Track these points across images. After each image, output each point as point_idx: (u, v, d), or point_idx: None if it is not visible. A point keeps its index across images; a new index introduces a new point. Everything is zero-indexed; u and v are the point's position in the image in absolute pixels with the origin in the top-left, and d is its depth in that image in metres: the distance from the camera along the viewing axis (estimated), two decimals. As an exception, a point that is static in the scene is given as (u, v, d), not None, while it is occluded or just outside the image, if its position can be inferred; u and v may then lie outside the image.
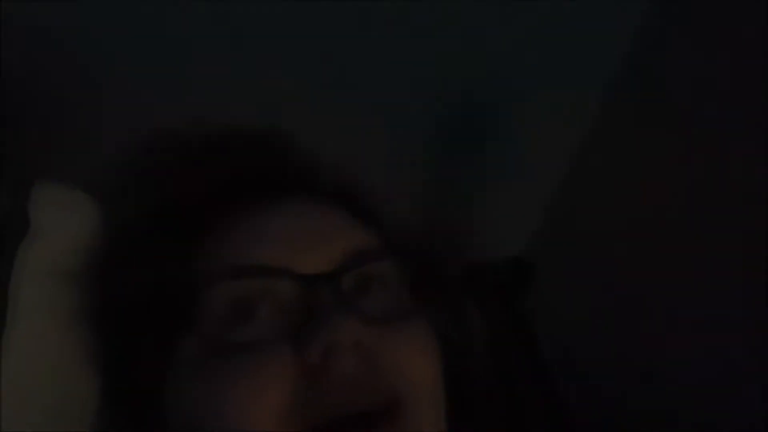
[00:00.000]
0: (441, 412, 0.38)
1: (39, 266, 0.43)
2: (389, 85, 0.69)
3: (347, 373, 0.34)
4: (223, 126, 0.43)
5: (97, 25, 0.55)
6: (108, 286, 0.42)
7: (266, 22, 0.61)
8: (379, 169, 0.54)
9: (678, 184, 0.70)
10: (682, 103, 0.70)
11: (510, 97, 0.76)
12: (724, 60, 0.65)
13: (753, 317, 0.57)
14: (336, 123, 0.65)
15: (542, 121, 0.77)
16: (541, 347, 0.65)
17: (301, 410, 0.33)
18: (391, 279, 0.40)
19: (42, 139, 0.52)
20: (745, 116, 0.62)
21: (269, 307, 0.36)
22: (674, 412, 0.64)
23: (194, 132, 0.44)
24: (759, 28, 0.60)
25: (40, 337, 0.41)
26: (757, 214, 0.59)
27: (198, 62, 0.61)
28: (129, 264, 0.41)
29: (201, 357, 0.36)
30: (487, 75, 0.73)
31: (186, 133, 0.44)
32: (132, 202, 0.43)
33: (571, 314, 0.75)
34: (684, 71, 0.70)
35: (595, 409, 0.64)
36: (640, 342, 0.70)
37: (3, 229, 0.43)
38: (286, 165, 0.44)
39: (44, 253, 0.43)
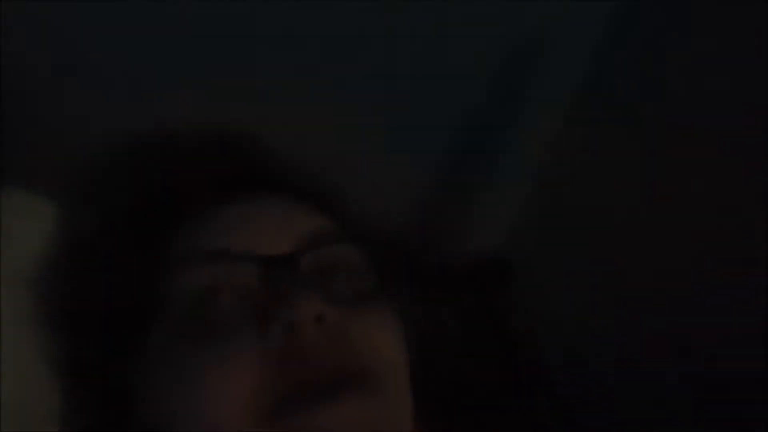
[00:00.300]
0: (408, 395, 0.39)
1: (2, 272, 0.43)
2: (377, 84, 0.68)
3: (311, 351, 0.34)
4: (191, 128, 0.44)
5: (81, 25, 0.55)
6: (76, 286, 0.42)
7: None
8: (360, 166, 0.54)
9: (666, 182, 0.69)
10: (667, 101, 0.69)
11: (493, 94, 0.75)
12: (723, 60, 0.65)
13: (749, 312, 0.57)
14: (320, 121, 0.64)
15: (523, 118, 0.77)
16: (520, 345, 0.64)
17: (265, 394, 0.34)
18: (355, 265, 0.41)
19: (6, 142, 0.51)
20: (746, 116, 0.62)
21: (232, 294, 0.37)
22: (671, 408, 0.63)
23: (161, 134, 0.45)
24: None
25: (5, 343, 0.42)
26: (755, 211, 0.59)
27: (182, 64, 0.61)
28: (97, 262, 0.41)
29: (168, 347, 0.37)
30: (472, 72, 0.73)
31: (153, 136, 0.45)
32: (102, 201, 0.44)
33: (552, 311, 0.74)
34: (677, 70, 0.70)
35: (586, 405, 0.64)
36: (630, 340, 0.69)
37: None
38: (250, 165, 0.45)
39: (7, 259, 0.44)
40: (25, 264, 0.43)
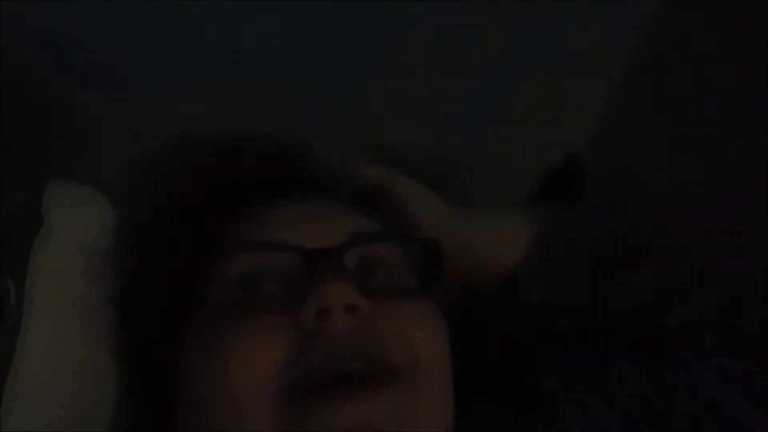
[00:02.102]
0: (445, 391, 0.39)
1: (54, 264, 0.43)
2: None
3: (340, 337, 0.35)
4: (248, 132, 0.46)
5: (109, 25, 0.55)
6: (130, 272, 0.43)
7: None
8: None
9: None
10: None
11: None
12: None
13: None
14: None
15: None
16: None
17: (291, 370, 0.34)
18: (397, 263, 0.41)
19: (55, 137, 0.52)
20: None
21: (275, 280, 0.38)
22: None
23: (218, 136, 0.46)
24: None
25: (57, 333, 0.42)
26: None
27: (206, 61, 0.61)
28: (151, 249, 0.43)
29: (211, 326, 0.38)
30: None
31: (209, 137, 0.46)
32: (158, 197, 0.45)
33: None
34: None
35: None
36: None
37: (17, 228, 0.43)
38: (302, 168, 0.47)
39: (59, 250, 0.44)
40: (69, 255, 0.44)
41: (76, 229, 0.45)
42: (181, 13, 0.58)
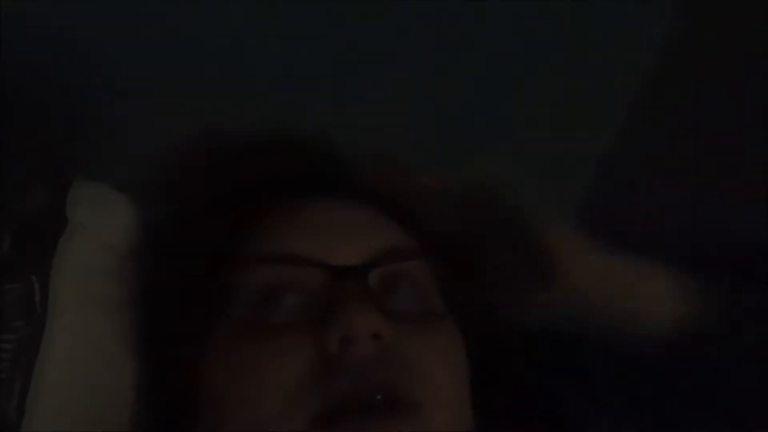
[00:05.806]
0: (462, 417, 0.39)
1: (77, 262, 0.44)
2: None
3: (362, 364, 0.35)
4: (270, 128, 0.46)
5: (125, 26, 0.55)
6: (152, 274, 0.44)
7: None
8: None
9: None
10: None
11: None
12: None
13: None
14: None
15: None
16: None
17: (313, 394, 0.35)
18: (423, 279, 0.41)
19: (79, 137, 0.52)
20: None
21: (297, 295, 0.38)
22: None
23: (241, 133, 0.46)
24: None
25: (80, 332, 0.43)
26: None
27: (224, 61, 0.61)
28: (173, 252, 0.43)
29: (230, 339, 0.38)
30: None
31: (233, 134, 0.46)
32: (180, 196, 0.46)
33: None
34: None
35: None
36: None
37: (42, 226, 0.44)
38: (328, 166, 0.46)
39: (82, 249, 0.44)
40: (93, 255, 0.45)
41: (99, 229, 0.45)
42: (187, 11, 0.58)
